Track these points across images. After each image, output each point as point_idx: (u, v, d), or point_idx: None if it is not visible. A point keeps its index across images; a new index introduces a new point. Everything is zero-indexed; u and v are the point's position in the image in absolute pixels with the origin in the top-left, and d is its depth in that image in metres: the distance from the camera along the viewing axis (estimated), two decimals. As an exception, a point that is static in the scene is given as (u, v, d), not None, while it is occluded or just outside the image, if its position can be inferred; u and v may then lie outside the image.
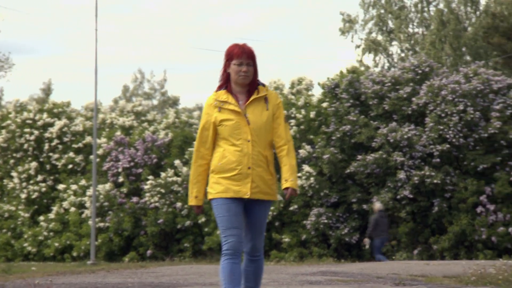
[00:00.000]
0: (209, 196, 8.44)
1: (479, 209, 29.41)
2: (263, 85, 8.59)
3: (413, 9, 63.03)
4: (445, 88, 30.40)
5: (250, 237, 8.48)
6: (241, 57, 8.44)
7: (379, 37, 63.23)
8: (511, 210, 29.30)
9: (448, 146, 29.81)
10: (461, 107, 29.89)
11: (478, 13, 62.24)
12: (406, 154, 30.04)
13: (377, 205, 28.25)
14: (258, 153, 8.40)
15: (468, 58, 58.71)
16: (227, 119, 8.42)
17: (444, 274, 18.59)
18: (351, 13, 64.32)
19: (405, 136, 29.97)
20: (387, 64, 62.65)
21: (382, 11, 63.01)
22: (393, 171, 30.03)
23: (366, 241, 28.19)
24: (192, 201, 8.54)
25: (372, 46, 63.00)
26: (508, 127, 29.79)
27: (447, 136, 29.86)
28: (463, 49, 60.38)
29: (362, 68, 45.68)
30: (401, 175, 29.64)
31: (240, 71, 8.45)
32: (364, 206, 30.11)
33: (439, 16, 60.18)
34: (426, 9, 63.13)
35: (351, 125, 30.81)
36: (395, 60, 62.35)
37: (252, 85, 8.52)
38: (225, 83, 8.54)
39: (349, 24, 63.65)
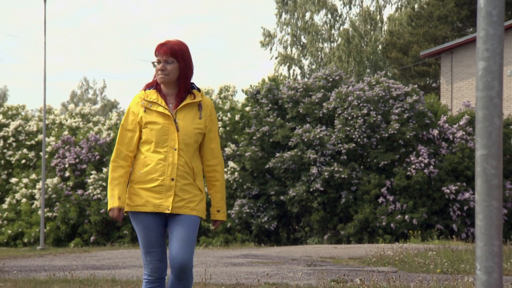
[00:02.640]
0: (127, 208, 6.49)
1: (380, 199, 29.56)
2: (198, 89, 6.67)
3: (323, 28, 63.30)
4: (351, 95, 30.53)
5: (176, 253, 6.35)
6: (157, 53, 6.59)
7: (294, 51, 63.43)
8: (407, 200, 29.47)
9: (354, 145, 29.92)
10: (365, 111, 30.01)
11: (378, 31, 62.69)
12: (318, 152, 30.10)
13: None
14: (184, 164, 6.44)
15: (369, 70, 59.14)
16: (153, 122, 6.46)
17: (349, 256, 18.61)
18: (270, 28, 64.44)
19: (317, 136, 30.04)
20: (299, 75, 62.90)
21: (296, 28, 63.19)
22: (306, 167, 30.07)
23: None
24: (115, 203, 6.40)
25: (287, 60, 63.22)
26: (405, 128, 29.99)
27: (353, 136, 29.98)
28: (366, 62, 60.81)
29: (281, 78, 45.73)
30: (314, 170, 29.69)
31: (158, 70, 6.55)
32: (282, 198, 30.10)
33: (345, 34, 60.52)
34: (334, 27, 63.42)
35: (270, 126, 30.85)
36: (306, 71, 62.61)
37: (182, 87, 6.56)
38: (155, 83, 6.64)
39: (268, 38, 63.79)
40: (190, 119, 6.51)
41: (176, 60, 6.55)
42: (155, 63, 6.57)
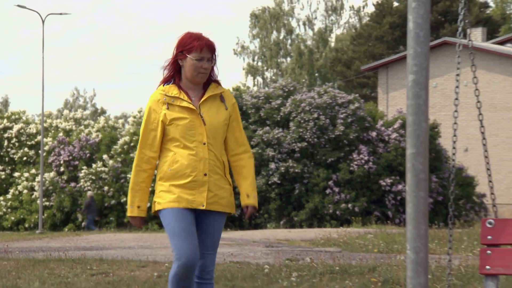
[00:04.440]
0: (157, 207, 5.35)
1: (328, 191, 29.64)
2: (217, 81, 5.49)
3: (282, 44, 63.43)
4: (304, 102, 30.60)
5: (200, 255, 5.34)
6: (202, 51, 5.28)
7: (259, 64, 63.51)
8: (350, 191, 29.58)
9: (306, 144, 29.99)
10: (315, 115, 30.10)
11: (327, 48, 62.88)
12: (276, 150, 30.14)
13: (89, 193, 31.22)
14: (214, 158, 5.35)
15: (319, 81, 59.33)
16: (179, 117, 5.31)
17: (301, 238, 18.64)
18: (242, 41, 64.44)
19: (275, 137, 30.08)
20: (262, 84, 63.00)
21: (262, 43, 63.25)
22: (266, 163, 30.08)
23: (82, 217, 31.67)
24: (133, 212, 5.36)
25: (252, 71, 63.24)
26: (348, 130, 30.10)
27: (305, 136, 30.05)
28: (316, 74, 61.01)
29: (244, 87, 45.73)
30: (272, 165, 29.72)
31: (201, 68, 5.29)
32: (244, 189, 30.10)
33: (297, 49, 60.66)
34: (291, 44, 63.53)
35: (235, 129, 30.83)
36: (268, 81, 62.70)
37: (207, 81, 5.48)
38: (173, 76, 5.40)
39: (241, 49, 63.79)
40: (214, 111, 5.38)
41: (212, 57, 5.37)
42: (193, 59, 5.28)
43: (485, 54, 39.54)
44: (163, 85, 5.41)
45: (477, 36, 42.50)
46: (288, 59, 63.32)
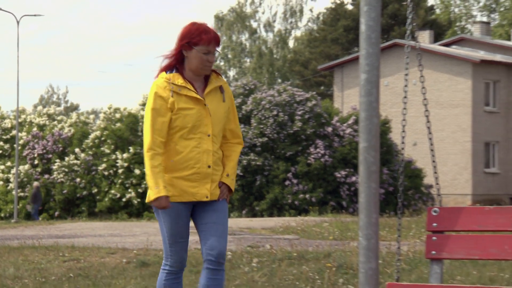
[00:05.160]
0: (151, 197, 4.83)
1: (287, 182, 29.72)
2: (216, 72, 5.04)
3: (245, 45, 63.42)
4: (264, 99, 30.62)
5: (214, 240, 4.84)
6: (210, 44, 4.84)
7: (221, 63, 63.45)
8: (308, 183, 29.67)
9: (266, 139, 30.03)
10: (275, 112, 30.14)
11: (285, 49, 63.01)
12: (237, 144, 30.16)
13: (35, 183, 31.56)
14: (217, 150, 4.93)
15: (279, 80, 59.40)
16: (186, 107, 4.83)
17: (262, 226, 18.66)
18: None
19: (237, 132, 30.10)
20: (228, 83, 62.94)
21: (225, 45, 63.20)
22: (228, 156, 30.09)
23: (28, 207, 31.78)
24: (161, 191, 4.72)
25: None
26: (306, 126, 30.19)
27: (266, 132, 30.08)
28: (276, 73, 61.13)
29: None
30: (234, 159, 29.73)
31: (206, 61, 4.85)
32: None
33: (258, 50, 60.72)
34: (252, 45, 63.56)
35: (200, 124, 30.79)
36: (231, 80, 62.67)
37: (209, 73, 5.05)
38: (174, 66, 4.91)
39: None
40: (216, 103, 4.94)
41: (216, 50, 4.96)
42: (199, 52, 4.83)
43: (432, 55, 39.86)
44: (166, 73, 4.89)
45: (424, 38, 42.82)
46: (250, 59, 63.36)
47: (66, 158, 32.98)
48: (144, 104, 32.45)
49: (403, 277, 8.18)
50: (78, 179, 32.21)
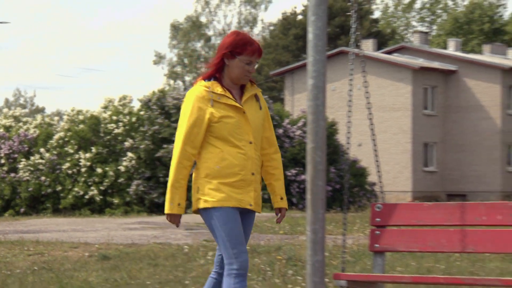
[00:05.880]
0: (205, 205, 4.59)
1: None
2: (253, 81, 4.82)
3: (200, 51, 63.31)
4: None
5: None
6: (253, 55, 4.67)
7: (179, 68, 63.28)
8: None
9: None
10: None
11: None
12: (194, 145, 30.13)
13: None
14: (258, 157, 4.71)
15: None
16: (227, 115, 4.60)
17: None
18: (161, 51, 64.14)
19: (194, 134, 30.08)
20: (183, 87, 62.78)
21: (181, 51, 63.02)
22: (186, 156, 30.04)
23: None
24: (173, 209, 4.63)
25: (173, 76, 62.96)
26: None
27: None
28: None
29: (167, 89, 45.49)
30: (191, 158, 29.70)
31: (247, 71, 4.67)
32: (167, 179, 29.97)
33: (215, 55, 60.68)
34: (208, 52, 63.49)
35: (159, 126, 30.67)
36: (187, 85, 62.53)
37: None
38: (215, 74, 4.69)
39: (159, 58, 63.42)
40: (254, 111, 4.71)
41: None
42: (242, 62, 4.64)
43: (376, 62, 40.20)
44: (205, 81, 4.66)
45: (368, 46, 43.17)
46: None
47: (32, 158, 32.59)
48: (106, 107, 32.19)
49: (348, 269, 8.22)
50: (43, 178, 31.85)
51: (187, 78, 63.76)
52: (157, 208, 30.37)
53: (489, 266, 8.97)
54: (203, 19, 62.94)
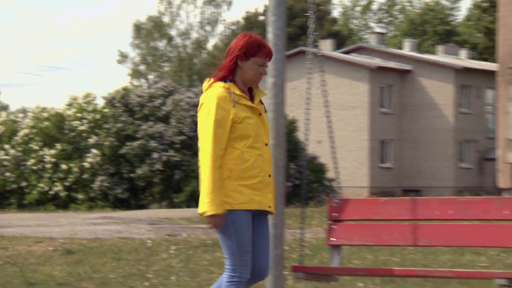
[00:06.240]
0: (226, 207, 4.40)
1: (203, 176, 29.68)
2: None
3: (162, 50, 63.04)
4: (182, 101, 30.53)
5: (266, 262, 4.51)
6: (266, 58, 4.57)
7: (142, 67, 62.92)
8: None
9: (184, 137, 29.93)
10: (192, 112, 30.08)
11: (202, 54, 62.94)
12: (159, 142, 29.96)
13: None
14: (271, 159, 4.61)
15: (197, 83, 59.31)
16: (248, 116, 4.49)
17: (180, 217, 18.56)
18: (124, 50, 63.73)
19: (158, 131, 29.90)
20: (146, 86, 62.49)
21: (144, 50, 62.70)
22: (150, 153, 29.86)
23: None
24: (219, 209, 4.35)
25: (136, 74, 62.64)
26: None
27: (184, 130, 29.98)
28: (195, 76, 61.00)
29: (131, 87, 45.23)
30: (155, 155, 29.53)
31: (261, 73, 4.57)
32: (131, 175, 29.79)
33: (178, 55, 60.48)
34: (171, 52, 63.24)
35: (123, 123, 30.48)
36: (151, 83, 62.24)
37: None
38: (228, 76, 4.55)
39: (123, 57, 63.04)
40: (263, 113, 4.62)
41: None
42: (255, 64, 4.53)
43: (334, 61, 40.41)
44: (223, 82, 4.51)
45: (327, 46, 43.37)
46: (168, 64, 63.05)
47: (-3, 153, 32.17)
48: (70, 105, 31.87)
49: (306, 262, 8.26)
50: (8, 174, 31.44)
51: (151, 77, 63.49)
52: (121, 203, 30.19)
53: (441, 259, 9.08)
54: (165, 19, 62.69)
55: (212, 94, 4.48)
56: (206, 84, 4.62)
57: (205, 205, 4.38)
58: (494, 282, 4.62)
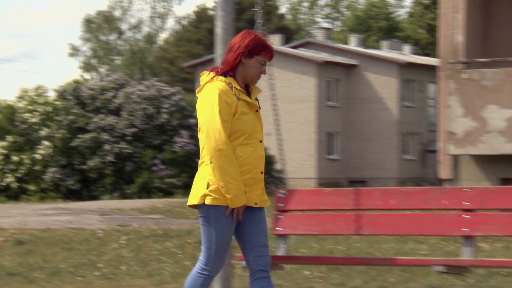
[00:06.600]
0: (212, 201, 4.29)
1: (155, 168, 29.54)
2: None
3: (113, 44, 62.42)
4: (134, 94, 30.30)
5: (264, 249, 4.41)
6: (269, 58, 4.53)
7: (93, 61, 62.23)
8: (174, 168, 29.61)
9: (136, 129, 29.73)
10: (144, 105, 29.88)
11: (154, 48, 62.55)
12: (110, 134, 29.70)
13: None
14: (264, 156, 4.53)
15: (149, 76, 58.93)
16: (246, 112, 4.41)
17: (131, 207, 18.43)
18: (76, 43, 62.96)
19: (109, 123, 29.64)
20: (98, 79, 61.87)
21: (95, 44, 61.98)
22: (101, 145, 29.59)
23: None
24: (244, 199, 4.30)
25: (88, 68, 61.93)
26: (172, 118, 30.08)
27: (136, 123, 29.78)
28: (146, 70, 60.58)
29: (82, 80, 44.73)
30: (107, 147, 29.28)
31: (261, 73, 4.50)
32: (83, 167, 29.50)
33: (130, 49, 59.99)
34: (123, 45, 62.68)
35: (74, 116, 30.17)
36: (103, 76, 61.62)
37: None
38: (229, 72, 4.46)
39: (74, 50, 62.26)
40: (259, 110, 4.52)
41: None
42: (258, 62, 4.46)
43: (282, 56, 40.53)
44: (224, 77, 4.42)
45: (276, 41, 43.46)
46: (120, 57, 62.47)
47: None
48: (21, 97, 31.37)
49: (254, 251, 8.27)
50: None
51: (102, 70, 62.84)
52: (72, 194, 29.85)
53: (385, 247, 9.19)
54: (116, 13, 62.06)
55: (214, 88, 4.37)
56: (205, 77, 4.51)
57: (232, 197, 4.24)
58: (433, 269, 4.70)
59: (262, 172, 4.39)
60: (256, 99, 4.52)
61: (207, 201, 4.30)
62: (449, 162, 13.07)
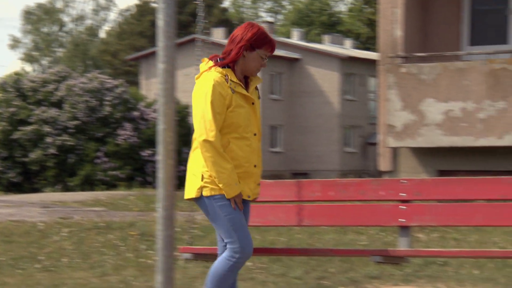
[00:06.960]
0: (210, 192, 4.31)
1: (98, 160, 29.25)
2: None
3: (54, 36, 61.56)
4: (76, 86, 29.94)
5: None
6: (270, 51, 4.43)
7: (35, 53, 61.20)
8: (117, 161, 29.37)
9: (78, 122, 29.39)
10: (86, 98, 29.55)
11: (96, 40, 61.84)
12: (52, 126, 29.30)
13: None
14: (260, 150, 4.48)
15: (91, 69, 58.23)
16: (241, 105, 4.34)
17: (73, 200, 18.21)
18: (17, 35, 61.80)
19: (51, 116, 29.26)
20: (40, 71, 60.86)
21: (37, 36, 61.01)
22: (43, 137, 29.17)
23: None
24: (239, 187, 4.33)
25: (29, 59, 60.92)
26: (115, 110, 29.80)
27: (78, 115, 29.45)
28: (89, 62, 59.88)
29: (24, 72, 43.96)
30: (49, 139, 28.89)
31: (261, 65, 4.41)
32: (25, 159, 29.05)
33: (72, 41, 59.22)
34: (64, 37, 61.80)
35: (15, 108, 29.68)
36: (44, 68, 60.69)
37: None
38: (229, 64, 4.40)
39: (15, 42, 61.15)
40: (256, 102, 4.42)
41: None
42: (260, 55, 4.39)
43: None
44: (221, 68, 4.36)
45: (219, 34, 43.40)
46: (62, 49, 61.55)
47: None
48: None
49: (197, 243, 8.28)
50: None
51: (44, 62, 61.84)
52: (14, 187, 29.36)
53: (325, 238, 9.29)
54: (58, 5, 61.12)
55: (209, 79, 4.34)
56: (204, 65, 4.47)
57: (228, 188, 4.26)
58: (370, 260, 4.77)
59: (255, 166, 4.38)
60: (257, 88, 4.45)
61: (205, 192, 4.32)
62: (389, 154, 13.27)
